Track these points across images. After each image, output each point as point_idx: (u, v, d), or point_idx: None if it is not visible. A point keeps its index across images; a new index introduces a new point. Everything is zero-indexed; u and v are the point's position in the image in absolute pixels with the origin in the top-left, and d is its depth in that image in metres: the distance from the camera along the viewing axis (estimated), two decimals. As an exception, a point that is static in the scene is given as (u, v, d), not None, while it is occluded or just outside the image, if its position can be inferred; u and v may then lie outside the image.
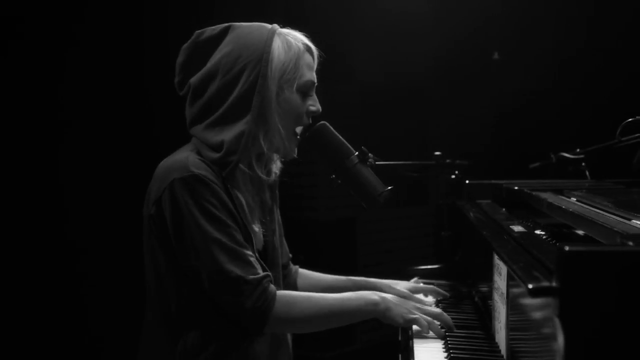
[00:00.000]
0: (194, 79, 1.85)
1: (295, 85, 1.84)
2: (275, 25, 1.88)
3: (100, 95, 3.74)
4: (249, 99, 1.78)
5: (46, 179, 3.67)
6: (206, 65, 1.84)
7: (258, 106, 1.79)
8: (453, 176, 2.52)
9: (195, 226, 1.72)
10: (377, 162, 2.05)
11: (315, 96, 1.91)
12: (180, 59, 1.89)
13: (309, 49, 1.88)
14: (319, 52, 1.91)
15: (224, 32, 1.86)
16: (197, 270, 1.74)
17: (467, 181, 2.58)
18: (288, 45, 1.84)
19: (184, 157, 1.78)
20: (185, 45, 1.89)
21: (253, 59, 1.80)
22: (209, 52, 1.85)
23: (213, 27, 1.88)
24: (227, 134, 1.77)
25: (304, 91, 1.87)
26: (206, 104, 1.82)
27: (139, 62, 3.68)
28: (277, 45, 1.82)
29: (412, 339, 1.89)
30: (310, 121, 1.91)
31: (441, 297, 2.23)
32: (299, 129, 1.91)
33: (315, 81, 1.90)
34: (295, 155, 1.92)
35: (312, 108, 1.89)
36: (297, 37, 1.88)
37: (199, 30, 1.89)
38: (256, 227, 1.90)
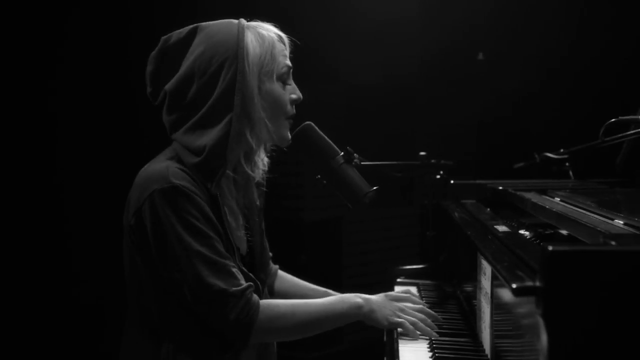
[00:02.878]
0: (169, 86, 1.79)
1: (275, 76, 1.82)
2: (242, 20, 1.84)
3: (88, 98, 3.73)
4: (230, 98, 1.75)
5: (38, 180, 3.65)
6: (180, 70, 1.79)
7: (240, 104, 1.75)
8: (438, 176, 2.53)
9: (176, 239, 1.68)
10: (362, 163, 2.05)
11: (293, 84, 1.88)
12: (149, 68, 1.84)
13: (279, 37, 1.86)
14: (290, 37, 1.89)
15: (192, 34, 1.81)
16: (179, 283, 1.71)
17: (452, 181, 2.58)
18: (261, 37, 1.81)
19: (164, 166, 1.74)
20: (153, 53, 1.83)
21: (228, 56, 1.76)
22: (179, 56, 1.80)
23: (179, 30, 1.83)
24: (209, 137, 1.73)
25: (284, 79, 1.85)
26: (186, 108, 1.77)
27: (126, 64, 3.67)
28: (249, 39, 1.79)
29: (397, 340, 1.89)
30: (294, 110, 1.89)
31: (416, 304, 2.21)
32: (293, 112, 1.88)
33: (291, 66, 1.88)
34: (290, 141, 1.90)
35: (294, 96, 1.87)
36: (268, 28, 1.85)
37: (165, 36, 1.84)
38: (240, 233, 1.88)
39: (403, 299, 1.98)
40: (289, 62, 1.87)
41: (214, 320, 1.72)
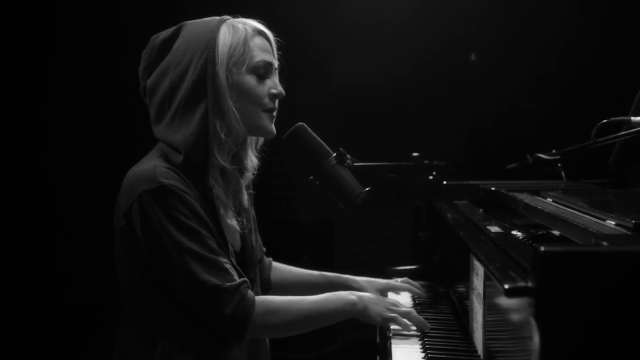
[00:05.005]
0: (149, 81, 1.83)
1: (245, 67, 1.80)
2: (226, 16, 1.85)
3: (81, 98, 3.73)
4: (202, 88, 1.75)
5: (31, 180, 3.65)
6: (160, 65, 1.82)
7: (212, 93, 1.76)
8: (431, 177, 2.53)
9: (167, 238, 1.69)
10: (355, 163, 2.05)
11: (275, 79, 1.87)
12: (140, 65, 1.87)
13: (261, 33, 1.85)
14: (276, 36, 1.88)
15: (177, 32, 1.84)
16: (172, 281, 1.72)
17: (444, 182, 2.59)
18: (234, 29, 1.81)
19: (152, 166, 1.74)
20: (144, 51, 1.87)
21: (200, 48, 1.77)
22: (163, 53, 1.82)
23: (167, 29, 1.86)
24: (187, 131, 1.74)
25: (259, 73, 1.83)
26: (161, 101, 1.79)
27: (118, 64, 3.67)
28: (223, 31, 1.80)
29: (389, 340, 1.89)
30: (276, 105, 1.88)
31: (416, 295, 2.24)
32: (272, 105, 1.86)
33: (273, 62, 1.86)
34: (274, 133, 1.88)
35: (273, 91, 1.85)
36: (247, 22, 1.85)
37: (155, 35, 1.87)
38: (232, 222, 1.88)
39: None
40: (267, 57, 1.84)
41: (209, 316, 1.73)
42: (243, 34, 1.81)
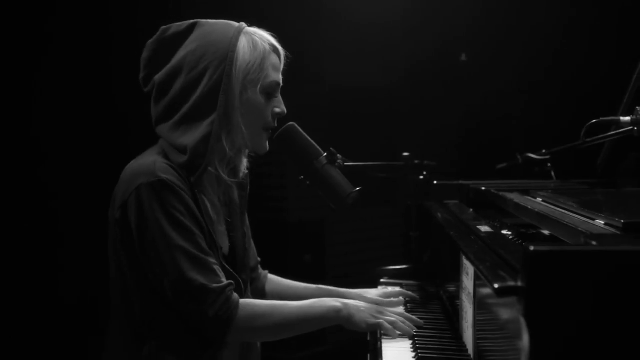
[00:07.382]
0: (158, 76, 1.81)
1: (259, 86, 1.81)
2: (243, 24, 1.85)
3: (75, 94, 3.72)
4: (213, 98, 1.75)
5: (25, 179, 3.64)
6: (171, 62, 1.81)
7: (223, 106, 1.76)
8: (421, 177, 2.54)
9: (159, 232, 1.69)
10: (345, 163, 2.06)
11: (280, 97, 1.88)
12: (145, 54, 1.85)
13: (275, 50, 1.86)
14: (286, 53, 1.89)
15: (190, 29, 1.83)
16: (160, 277, 1.71)
17: (435, 182, 2.59)
18: (254, 45, 1.81)
19: (152, 161, 1.75)
20: (151, 40, 1.85)
21: (217, 57, 1.77)
22: (174, 48, 1.82)
23: (179, 23, 1.85)
24: (192, 136, 1.74)
25: (269, 92, 1.84)
26: (170, 102, 1.79)
27: (111, 61, 3.67)
28: (242, 44, 1.79)
29: (380, 340, 1.90)
30: (276, 123, 1.89)
31: (409, 299, 2.24)
32: (274, 124, 1.88)
33: (281, 82, 1.88)
34: (267, 150, 1.90)
35: (277, 110, 1.87)
36: (264, 37, 1.85)
37: (165, 26, 1.86)
38: (222, 229, 1.88)
39: (383, 305, 1.99)
40: (278, 78, 1.86)
41: (192, 315, 1.72)
42: (262, 52, 1.81)
